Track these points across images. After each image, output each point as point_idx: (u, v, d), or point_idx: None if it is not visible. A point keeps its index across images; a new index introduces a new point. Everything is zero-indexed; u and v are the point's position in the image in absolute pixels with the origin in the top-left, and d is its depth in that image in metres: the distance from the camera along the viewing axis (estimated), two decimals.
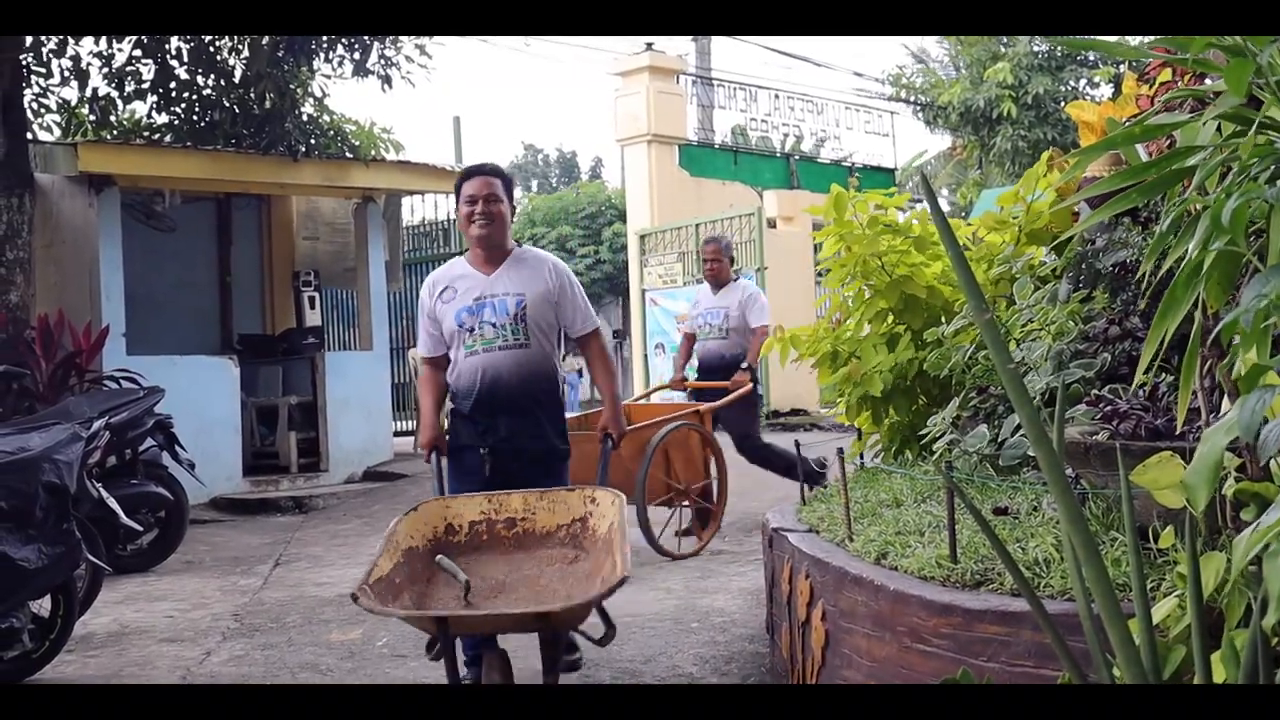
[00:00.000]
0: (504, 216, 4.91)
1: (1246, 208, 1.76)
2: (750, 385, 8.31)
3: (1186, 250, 2.00)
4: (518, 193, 6.63)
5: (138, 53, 11.80)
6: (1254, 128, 1.81)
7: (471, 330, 4.88)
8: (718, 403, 8.12)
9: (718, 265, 8.80)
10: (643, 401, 9.63)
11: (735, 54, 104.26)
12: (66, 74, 11.78)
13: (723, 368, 8.57)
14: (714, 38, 24.22)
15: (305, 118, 13.10)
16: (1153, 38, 2.08)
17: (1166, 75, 4.00)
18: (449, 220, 15.29)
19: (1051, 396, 4.03)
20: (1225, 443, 1.76)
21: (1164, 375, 3.53)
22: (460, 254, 5.59)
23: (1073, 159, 2.85)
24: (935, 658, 3.07)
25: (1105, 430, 3.22)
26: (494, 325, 4.86)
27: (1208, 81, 2.62)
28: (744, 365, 8.36)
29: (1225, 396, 2.70)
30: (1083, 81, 23.70)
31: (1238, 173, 1.88)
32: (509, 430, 4.86)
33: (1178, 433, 2.93)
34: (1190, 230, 1.99)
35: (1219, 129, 2.07)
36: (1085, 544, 1.78)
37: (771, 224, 18.78)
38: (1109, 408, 3.31)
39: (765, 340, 6.82)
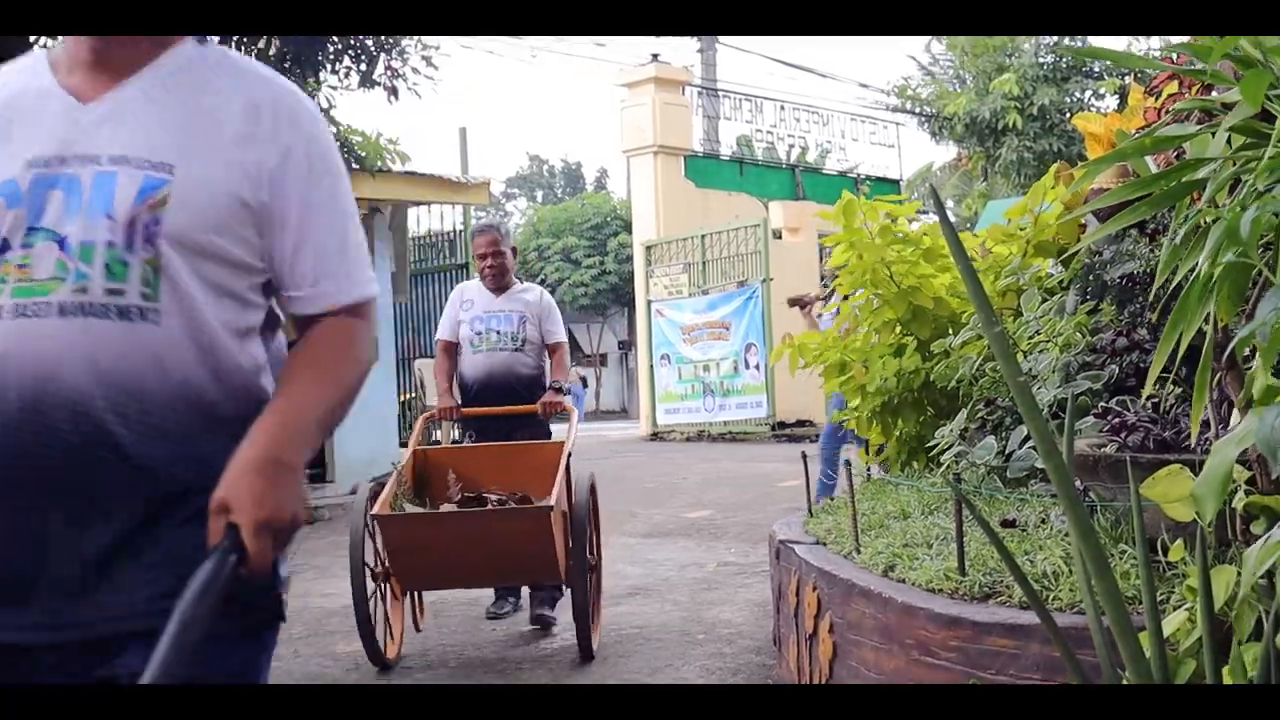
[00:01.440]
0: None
1: (1262, 220, 1.76)
2: (572, 410, 6.52)
3: (1196, 263, 1.99)
4: (522, 203, 7.45)
5: None
6: (1272, 142, 1.81)
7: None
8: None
9: (498, 262, 6.65)
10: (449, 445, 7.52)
11: (740, 65, 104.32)
12: None
13: (520, 389, 6.51)
14: (719, 48, 24.27)
15: None
16: (1160, 49, 2.08)
17: (1173, 88, 3.99)
18: (455, 231, 15.32)
19: (1059, 408, 4.02)
20: (1235, 455, 1.75)
21: (1171, 387, 3.52)
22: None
23: (1081, 171, 2.85)
24: (943, 670, 3.06)
25: (1113, 442, 3.21)
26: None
27: (1214, 93, 2.62)
28: (555, 385, 6.52)
29: (1235, 409, 2.69)
30: (1088, 93, 23.70)
31: (1250, 185, 1.87)
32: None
33: (1187, 445, 2.92)
34: (1200, 243, 1.99)
35: (1229, 141, 2.07)
36: (1096, 557, 1.78)
37: (777, 235, 18.79)
38: (1117, 420, 3.31)
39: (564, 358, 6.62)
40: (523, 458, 5.85)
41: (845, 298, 5.99)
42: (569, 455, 5.64)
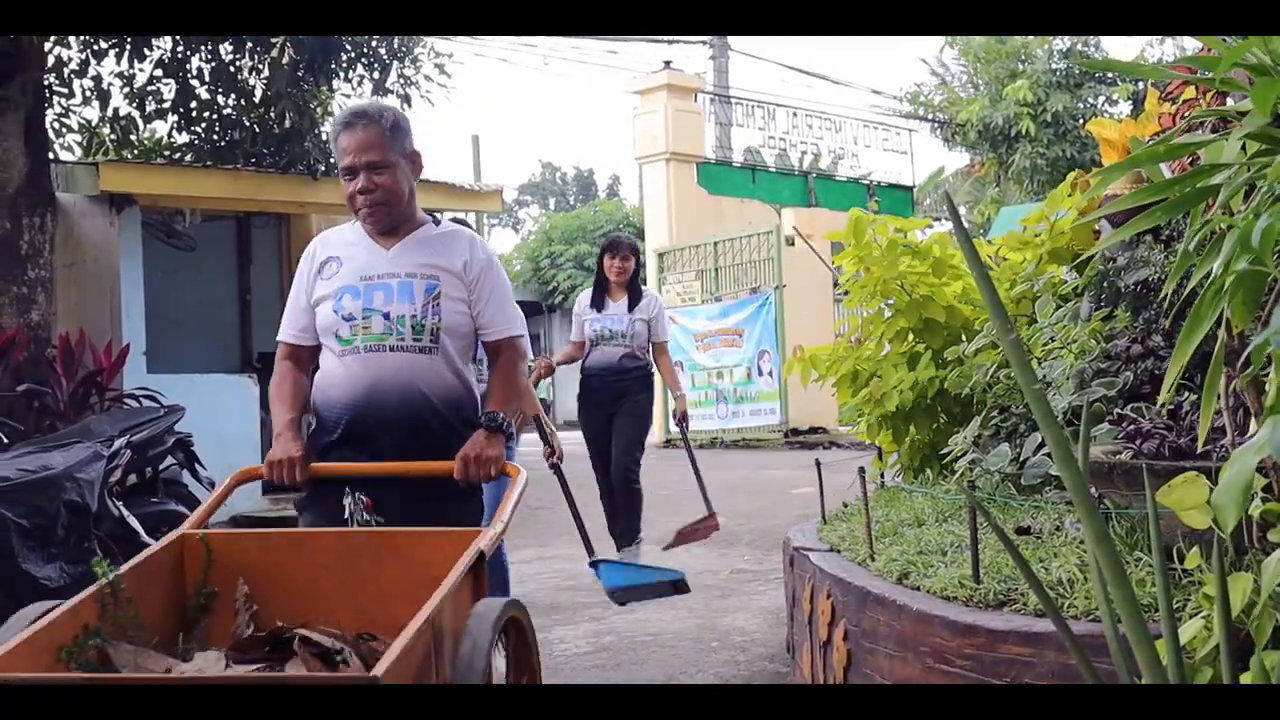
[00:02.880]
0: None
1: (1275, 228, 1.75)
2: (516, 473, 3.76)
3: (1211, 269, 1.99)
4: (535, 210, 6.62)
5: (159, 72, 11.86)
6: None
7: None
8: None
9: (377, 180, 3.65)
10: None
11: (753, 72, 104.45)
12: (88, 94, 11.86)
13: (428, 423, 3.63)
14: (731, 55, 24.26)
15: (325, 136, 13.14)
16: (1175, 55, 2.08)
17: (1190, 93, 3.99)
18: None
19: (1073, 415, 4.01)
20: (1254, 463, 1.74)
21: (1187, 394, 3.51)
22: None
23: (1098, 176, 2.85)
24: (958, 678, 3.05)
25: (1129, 449, 3.21)
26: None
27: (1229, 101, 2.62)
28: (490, 419, 3.46)
29: (1251, 416, 2.68)
30: (1101, 99, 23.66)
31: (1264, 192, 1.87)
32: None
33: (1201, 451, 2.91)
34: (1215, 249, 1.98)
35: (1243, 148, 2.07)
36: (1112, 564, 1.77)
37: (790, 242, 18.79)
38: (1132, 426, 3.30)
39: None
40: (399, 554, 3.10)
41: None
42: (482, 557, 2.96)
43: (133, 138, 12.56)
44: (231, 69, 11.98)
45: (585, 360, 7.78)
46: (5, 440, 7.03)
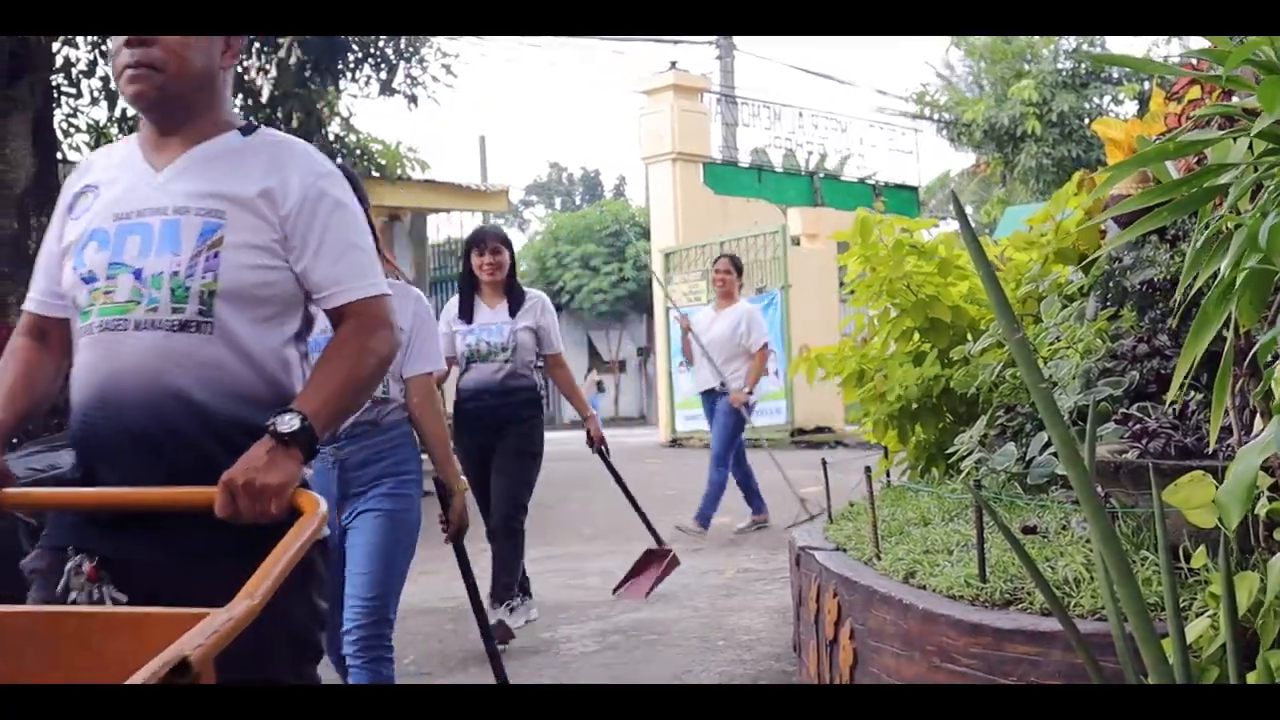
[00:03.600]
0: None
1: None
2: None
3: (1217, 269, 1.99)
4: (541, 210, 6.22)
5: None
6: None
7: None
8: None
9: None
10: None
11: (759, 72, 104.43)
12: (96, 94, 11.90)
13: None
14: (737, 55, 24.27)
15: (332, 137, 13.18)
16: (1181, 54, 2.09)
17: (1195, 93, 3.99)
18: None
19: (1079, 415, 4.01)
20: (1259, 462, 1.75)
21: (1193, 393, 3.51)
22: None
23: (1102, 176, 2.85)
24: (964, 677, 3.05)
25: (1135, 449, 3.21)
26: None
27: (1235, 99, 2.62)
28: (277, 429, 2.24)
29: (1257, 415, 2.69)
30: (1107, 99, 23.66)
31: (1272, 191, 1.87)
32: None
33: (1209, 451, 2.91)
34: (1222, 248, 1.99)
35: (1250, 146, 2.07)
36: (1118, 563, 1.77)
37: (796, 241, 18.77)
38: (1138, 426, 3.30)
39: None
40: (126, 636, 1.97)
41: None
42: (186, 667, 1.68)
43: None
44: (239, 69, 12.01)
45: (458, 383, 6.24)
46: (14, 440, 7.03)
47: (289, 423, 2.17)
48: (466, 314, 6.15)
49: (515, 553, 6.07)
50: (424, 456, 4.09)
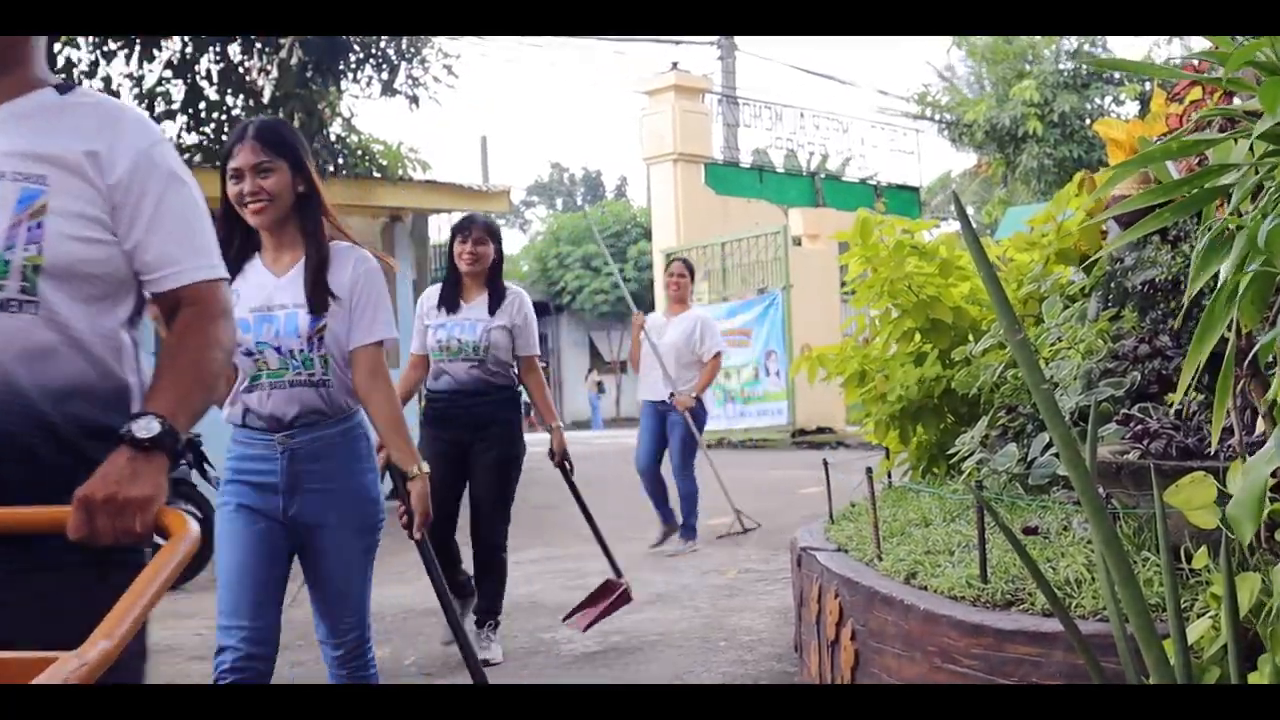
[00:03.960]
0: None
1: None
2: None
3: (1219, 270, 1.99)
4: (543, 211, 6.01)
5: (168, 73, 11.90)
6: None
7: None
8: None
9: None
10: None
11: (760, 73, 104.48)
12: None
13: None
14: (739, 56, 24.27)
15: (333, 137, 13.18)
16: (1182, 56, 2.09)
17: (1197, 94, 3.98)
18: None
19: (1081, 416, 4.01)
20: (1269, 472, 1.74)
21: (1194, 394, 3.51)
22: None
23: (1104, 176, 2.85)
24: (965, 678, 3.05)
25: (1136, 449, 3.21)
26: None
27: (1236, 101, 2.62)
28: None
29: (1259, 417, 2.68)
30: (1108, 99, 23.66)
31: (1272, 192, 1.87)
32: None
33: (1210, 452, 2.91)
34: (1224, 250, 1.99)
35: (1251, 148, 2.07)
36: (1120, 564, 1.78)
37: (797, 242, 18.78)
38: (1139, 426, 3.30)
39: None
40: None
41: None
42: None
43: None
44: (240, 70, 12.01)
45: (429, 381, 5.83)
46: None
47: (147, 427, 1.90)
48: (449, 303, 5.72)
49: (499, 585, 5.80)
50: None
